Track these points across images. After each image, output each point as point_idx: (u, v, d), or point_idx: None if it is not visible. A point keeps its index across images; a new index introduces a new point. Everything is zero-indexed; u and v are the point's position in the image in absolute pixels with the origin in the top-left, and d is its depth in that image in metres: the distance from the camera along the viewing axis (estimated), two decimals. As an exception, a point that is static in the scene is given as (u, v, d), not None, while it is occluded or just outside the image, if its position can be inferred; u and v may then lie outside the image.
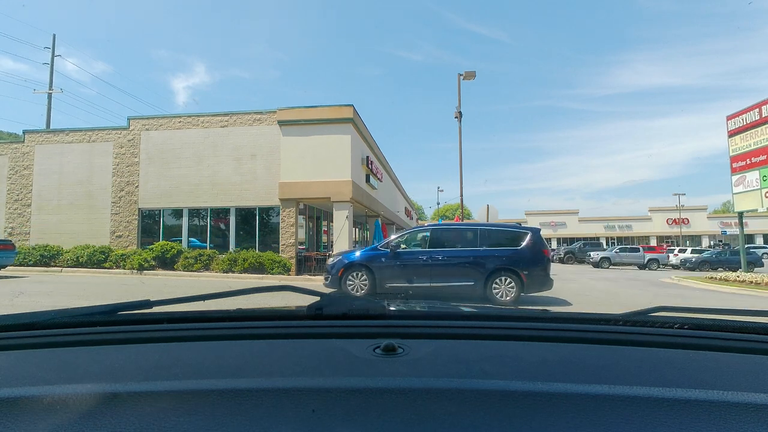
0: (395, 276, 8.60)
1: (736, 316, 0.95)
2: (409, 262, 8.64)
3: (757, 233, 53.02)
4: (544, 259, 8.55)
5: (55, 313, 0.91)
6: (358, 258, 8.89)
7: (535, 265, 8.42)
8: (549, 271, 8.56)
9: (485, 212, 16.80)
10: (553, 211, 61.56)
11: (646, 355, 0.76)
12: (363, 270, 8.69)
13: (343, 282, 8.68)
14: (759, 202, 14.58)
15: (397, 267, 8.61)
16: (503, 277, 8.33)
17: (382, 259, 8.69)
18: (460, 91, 17.84)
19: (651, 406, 0.55)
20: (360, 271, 8.70)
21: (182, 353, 0.78)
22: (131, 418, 0.53)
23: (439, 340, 0.82)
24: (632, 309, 0.98)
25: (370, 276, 8.61)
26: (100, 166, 16.59)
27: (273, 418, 0.53)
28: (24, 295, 8.35)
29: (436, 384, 0.60)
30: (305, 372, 0.67)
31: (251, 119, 15.74)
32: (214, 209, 15.84)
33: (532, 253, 8.47)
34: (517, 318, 1.03)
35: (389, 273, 8.61)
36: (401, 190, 31.87)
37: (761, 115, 14.45)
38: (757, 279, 13.51)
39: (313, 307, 0.93)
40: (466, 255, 8.60)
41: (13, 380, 0.65)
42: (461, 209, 18.54)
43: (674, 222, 55.11)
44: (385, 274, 8.60)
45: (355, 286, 8.66)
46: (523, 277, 8.26)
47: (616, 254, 27.26)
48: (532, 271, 8.39)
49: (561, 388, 0.59)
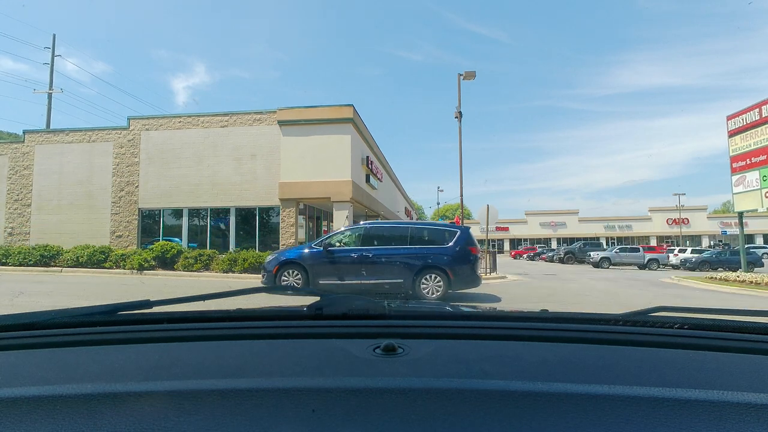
0: (327, 273, 8.81)
1: (736, 316, 0.95)
2: (341, 260, 8.86)
3: (757, 233, 53.04)
4: (471, 258, 8.74)
5: (55, 313, 0.91)
6: (292, 256, 9.14)
7: (462, 263, 8.64)
8: (476, 269, 8.82)
9: (485, 212, 16.80)
10: (553, 211, 61.57)
11: (646, 355, 0.76)
12: (297, 267, 8.92)
13: (278, 279, 8.90)
14: (759, 202, 14.58)
15: (330, 264, 8.82)
16: (431, 274, 8.55)
17: (315, 257, 8.92)
18: (460, 91, 17.85)
19: (651, 406, 0.55)
20: (294, 269, 8.93)
21: (182, 353, 0.78)
22: (131, 418, 0.53)
23: (439, 340, 0.82)
24: (632, 309, 0.98)
25: (303, 273, 8.84)
26: (100, 166, 16.60)
27: (273, 418, 0.53)
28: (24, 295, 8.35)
29: (436, 384, 0.60)
30: (305, 372, 0.67)
31: (251, 119, 15.75)
32: (214, 209, 15.84)
33: (459, 252, 8.68)
34: (517, 318, 1.03)
35: (322, 270, 8.82)
36: (401, 190, 31.88)
37: (761, 115, 14.45)
38: (757, 279, 13.51)
39: (313, 307, 0.93)
40: (395, 253, 8.80)
41: (13, 380, 0.65)
42: (461, 209, 18.55)
43: (674, 222, 55.13)
44: (317, 272, 8.81)
45: (290, 284, 8.88)
46: (450, 275, 8.48)
47: (616, 254, 27.26)
48: (459, 268, 8.61)
49: (561, 388, 0.59)
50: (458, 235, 8.84)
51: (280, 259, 9.18)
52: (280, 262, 9.08)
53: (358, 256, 8.80)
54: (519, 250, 50.87)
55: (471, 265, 8.72)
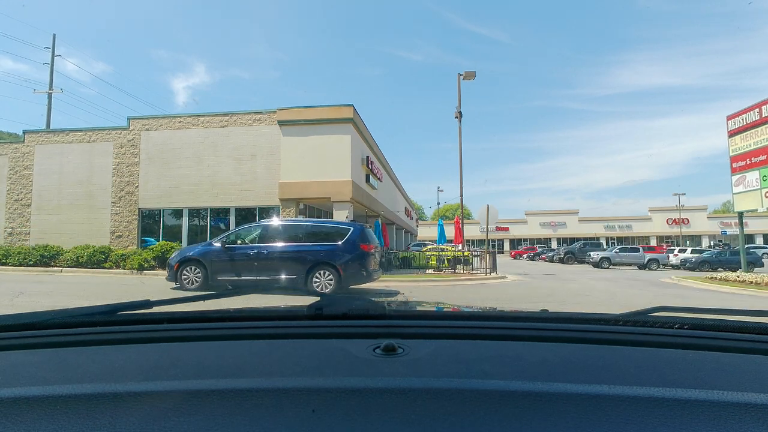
0: (225, 270, 9.19)
1: (736, 316, 0.95)
2: (238, 257, 9.20)
3: (757, 233, 53.03)
4: (362, 254, 9.05)
5: (55, 313, 0.91)
6: (193, 253, 9.45)
7: (352, 260, 8.99)
8: (368, 266, 9.13)
9: (485, 212, 16.80)
10: (553, 211, 61.58)
11: (646, 355, 0.76)
12: (197, 264, 9.24)
13: (179, 275, 9.19)
14: (759, 202, 14.58)
15: (227, 261, 9.21)
16: (323, 270, 8.91)
17: (214, 254, 9.26)
18: (460, 91, 17.85)
19: (651, 406, 0.55)
20: (194, 266, 9.24)
21: (182, 353, 0.78)
22: (131, 418, 0.53)
23: (439, 340, 0.82)
24: (632, 309, 0.98)
25: (203, 270, 9.18)
26: (100, 166, 16.59)
27: (273, 418, 0.53)
28: (24, 295, 8.34)
29: (436, 384, 0.60)
30: (305, 372, 0.67)
31: (251, 119, 15.75)
32: (214, 209, 15.83)
33: (350, 249, 9.02)
34: (517, 318, 1.04)
35: (220, 267, 9.18)
36: (401, 190, 31.88)
37: (761, 115, 14.45)
38: (757, 279, 13.51)
39: (313, 307, 0.93)
40: (289, 250, 9.16)
41: (13, 380, 0.65)
42: (461, 209, 18.55)
43: (674, 222, 55.13)
44: (216, 268, 9.16)
45: (190, 280, 9.18)
46: (341, 271, 8.85)
47: (616, 254, 27.25)
48: (350, 265, 8.96)
49: (561, 388, 0.59)
50: (350, 233, 9.20)
51: (181, 256, 9.48)
52: (181, 259, 9.36)
53: (255, 253, 9.14)
54: (519, 250, 50.86)
55: (361, 261, 9.05)
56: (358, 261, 9.04)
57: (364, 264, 9.09)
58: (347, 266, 8.94)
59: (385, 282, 12.95)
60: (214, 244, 9.51)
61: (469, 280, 14.31)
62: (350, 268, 8.98)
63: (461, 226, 17.96)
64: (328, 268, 8.91)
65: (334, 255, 8.98)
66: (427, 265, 19.46)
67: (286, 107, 15.48)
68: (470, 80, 17.44)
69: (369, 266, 9.18)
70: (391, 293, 9.41)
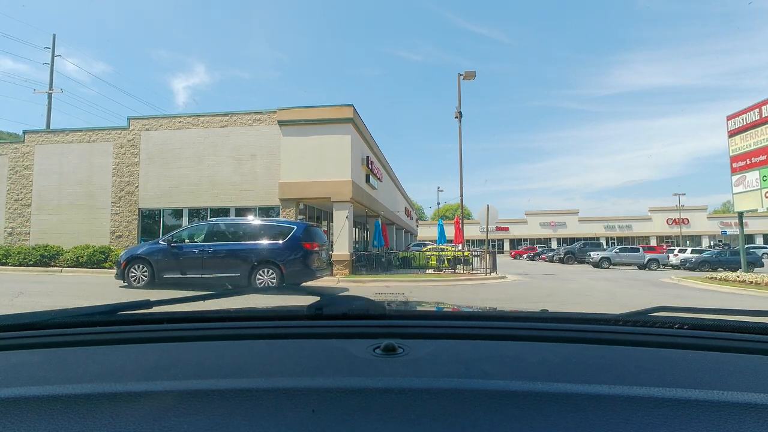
0: (171, 268, 9.39)
1: (736, 316, 0.95)
2: (184, 255, 9.44)
3: (757, 233, 53.02)
4: (304, 253, 9.29)
5: (55, 313, 0.91)
6: (140, 252, 9.67)
7: (294, 258, 9.23)
8: (310, 264, 9.38)
9: (485, 212, 16.80)
10: (553, 211, 61.57)
11: (646, 355, 0.76)
12: (143, 263, 9.46)
13: (126, 274, 9.44)
14: (759, 202, 14.58)
15: (173, 260, 9.41)
16: (266, 268, 9.16)
17: (160, 252, 9.48)
18: (460, 91, 17.85)
19: (651, 406, 0.55)
20: (141, 264, 9.47)
21: (182, 353, 0.78)
22: (131, 418, 0.53)
23: (439, 340, 0.82)
24: (632, 309, 0.98)
25: (149, 268, 9.41)
26: (100, 166, 16.59)
27: (273, 418, 0.53)
28: (24, 295, 8.34)
29: (436, 384, 0.60)
30: (305, 372, 0.67)
31: (251, 119, 15.75)
32: (214, 209, 15.83)
33: (293, 247, 9.26)
34: (517, 318, 1.04)
35: (166, 265, 9.40)
36: (401, 190, 31.87)
37: (761, 115, 14.45)
38: (757, 279, 13.51)
39: (313, 307, 0.93)
40: (233, 248, 9.39)
41: (13, 380, 0.65)
42: (461, 209, 18.55)
43: (674, 222, 55.12)
44: (162, 266, 9.39)
45: (137, 278, 9.41)
46: (283, 269, 9.10)
47: (616, 254, 27.24)
48: (292, 263, 9.20)
49: (561, 388, 0.59)
50: (293, 232, 9.46)
51: (128, 254, 9.68)
52: (129, 257, 9.56)
53: (199, 251, 9.39)
54: (519, 250, 50.85)
55: (303, 259, 9.28)
56: (300, 259, 9.27)
57: (306, 262, 9.32)
58: (289, 264, 9.16)
59: (385, 282, 12.94)
60: (160, 242, 9.75)
61: (469, 280, 14.31)
62: (292, 265, 9.19)
63: (461, 226, 17.96)
64: (271, 266, 9.14)
65: (276, 253, 9.21)
66: (427, 265, 19.46)
67: (286, 107, 15.47)
68: (470, 80, 17.43)
69: (312, 264, 9.42)
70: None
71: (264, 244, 9.34)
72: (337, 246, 14.94)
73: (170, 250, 9.43)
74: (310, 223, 10.31)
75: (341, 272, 14.60)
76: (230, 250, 9.37)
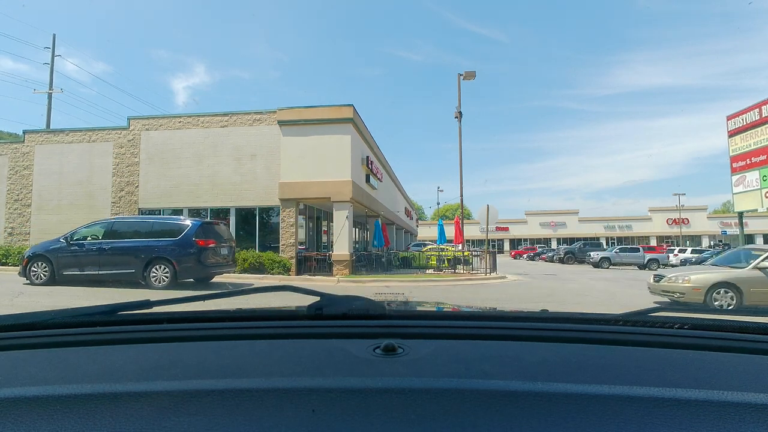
0: (70, 265, 9.77)
1: (736, 316, 0.95)
2: (81, 252, 9.82)
3: (757, 233, 52.98)
4: (197, 250, 9.63)
5: (55, 313, 0.91)
6: (40, 250, 10.07)
7: (187, 255, 9.57)
8: (204, 260, 9.73)
9: (485, 212, 16.81)
10: (553, 211, 61.57)
11: (646, 355, 0.76)
12: (44, 260, 9.82)
13: (28, 271, 9.83)
14: (759, 202, 14.58)
15: (71, 257, 9.80)
16: (159, 264, 9.52)
17: (59, 250, 9.84)
18: (460, 91, 17.85)
19: (651, 406, 0.55)
20: (41, 261, 9.83)
21: (182, 353, 0.78)
22: (131, 418, 0.53)
23: (439, 340, 0.82)
24: (632, 309, 0.98)
25: (49, 265, 9.76)
26: (100, 166, 16.59)
27: (273, 418, 0.53)
28: (24, 295, 8.35)
29: (436, 384, 0.60)
30: (305, 372, 0.67)
31: (251, 119, 15.74)
32: (214, 209, 15.83)
33: (186, 244, 9.61)
34: (517, 318, 1.04)
35: (65, 262, 9.77)
36: (401, 190, 31.87)
37: (761, 115, 14.45)
38: (757, 279, 13.49)
39: (313, 307, 0.93)
40: (128, 246, 9.77)
41: (13, 380, 0.65)
42: (461, 209, 18.55)
43: (674, 222, 55.12)
44: (61, 264, 9.75)
45: (37, 275, 9.78)
46: (176, 265, 9.46)
47: (616, 254, 27.23)
48: (184, 260, 9.55)
49: (561, 388, 0.59)
50: (187, 229, 9.80)
51: (30, 252, 10.13)
52: (30, 255, 9.98)
53: (97, 248, 9.77)
54: (519, 250, 50.85)
55: (196, 256, 9.62)
56: (194, 256, 9.60)
57: (200, 259, 9.65)
58: (182, 260, 9.49)
59: (385, 282, 12.95)
60: (60, 240, 10.08)
61: (469, 280, 14.31)
62: (185, 262, 9.52)
63: (461, 226, 17.96)
64: (164, 263, 9.49)
65: (169, 250, 9.57)
66: (427, 265, 19.46)
67: (286, 107, 15.47)
68: (470, 80, 17.44)
69: (206, 260, 9.76)
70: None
71: (158, 242, 9.72)
72: (337, 246, 14.95)
73: (68, 248, 9.79)
74: (207, 221, 10.67)
75: (341, 272, 14.61)
76: (126, 247, 9.72)
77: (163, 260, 9.52)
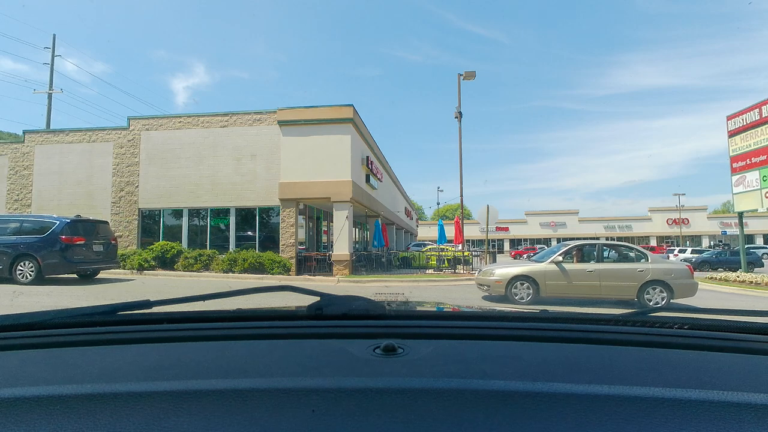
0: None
1: (736, 316, 0.95)
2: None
3: (757, 233, 53.01)
4: (63, 246, 10.20)
5: (55, 313, 0.91)
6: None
7: (51, 252, 10.14)
8: (70, 257, 10.26)
9: (485, 212, 16.80)
10: (553, 211, 61.58)
11: (646, 355, 0.76)
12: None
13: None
14: (759, 202, 14.57)
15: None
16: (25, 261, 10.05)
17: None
18: (459, 91, 17.85)
19: (651, 406, 0.55)
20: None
21: (182, 353, 0.78)
22: (131, 418, 0.53)
23: (439, 340, 0.82)
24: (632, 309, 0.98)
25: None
26: (100, 166, 16.59)
27: (273, 418, 0.53)
28: (24, 295, 8.35)
29: (436, 384, 0.60)
30: (305, 372, 0.67)
31: (251, 119, 15.74)
32: (214, 209, 15.83)
33: (51, 242, 10.19)
34: (517, 318, 1.03)
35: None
36: (401, 190, 31.87)
37: (761, 115, 14.44)
38: (757, 279, 13.50)
39: (313, 307, 0.93)
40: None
41: (13, 380, 0.65)
42: (461, 209, 18.55)
43: (674, 222, 55.13)
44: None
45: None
46: (40, 261, 10.01)
47: (615, 254, 27.19)
48: (48, 256, 10.13)
49: (561, 388, 0.59)
50: (54, 227, 10.33)
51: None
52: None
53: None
54: (519, 250, 50.80)
55: (61, 253, 10.17)
56: (59, 252, 10.13)
57: (66, 255, 10.18)
58: (46, 257, 10.05)
59: (385, 282, 12.95)
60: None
61: (469, 280, 14.30)
62: (50, 258, 10.08)
63: (461, 226, 17.96)
64: (30, 259, 10.02)
65: (36, 247, 10.11)
66: (427, 265, 19.46)
67: (286, 107, 15.47)
68: (470, 80, 17.43)
69: (72, 257, 10.30)
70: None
71: (24, 239, 10.21)
72: (337, 246, 14.95)
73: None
74: (80, 219, 11.06)
75: (341, 272, 14.61)
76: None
77: (29, 257, 10.02)
